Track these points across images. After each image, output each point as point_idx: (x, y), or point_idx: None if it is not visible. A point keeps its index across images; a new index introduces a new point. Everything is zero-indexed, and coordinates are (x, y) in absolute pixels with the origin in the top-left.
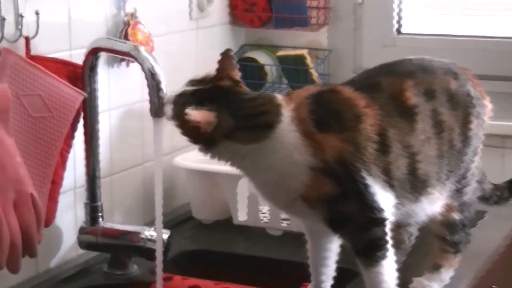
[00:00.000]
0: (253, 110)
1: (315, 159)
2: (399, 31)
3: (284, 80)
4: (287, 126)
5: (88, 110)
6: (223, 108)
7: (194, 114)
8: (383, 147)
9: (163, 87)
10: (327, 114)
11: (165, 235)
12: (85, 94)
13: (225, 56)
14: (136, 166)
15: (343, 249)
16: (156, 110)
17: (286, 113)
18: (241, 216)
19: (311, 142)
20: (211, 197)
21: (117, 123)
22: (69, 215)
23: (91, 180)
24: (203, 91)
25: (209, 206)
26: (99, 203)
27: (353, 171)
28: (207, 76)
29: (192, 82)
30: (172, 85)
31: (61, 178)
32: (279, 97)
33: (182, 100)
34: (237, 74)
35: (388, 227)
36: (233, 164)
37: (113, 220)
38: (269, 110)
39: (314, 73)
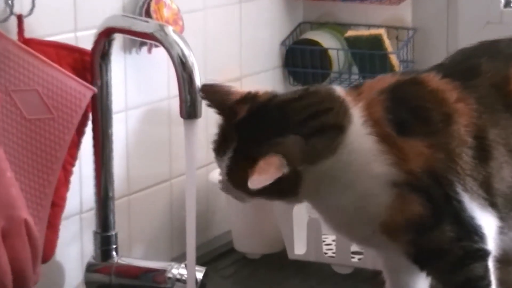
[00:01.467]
0: (309, 109)
1: (398, 170)
2: (507, 4)
3: (355, 69)
4: (359, 129)
5: (99, 111)
6: (278, 132)
7: (263, 171)
8: (482, 154)
9: (197, 79)
10: (408, 113)
11: (199, 274)
12: (95, 90)
13: (207, 91)
14: (160, 183)
15: None
16: (188, 109)
17: (356, 112)
18: (299, 248)
19: (391, 149)
20: (259, 224)
21: (137, 127)
22: (74, 248)
23: (103, 202)
24: (240, 129)
25: (257, 235)
26: (112, 232)
27: (445, 185)
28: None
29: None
30: (209, 76)
31: (64, 200)
32: (340, 91)
33: (231, 157)
34: (241, 91)
35: (491, 262)
36: (318, 197)
37: (131, 255)
38: (332, 108)
39: (394, 59)
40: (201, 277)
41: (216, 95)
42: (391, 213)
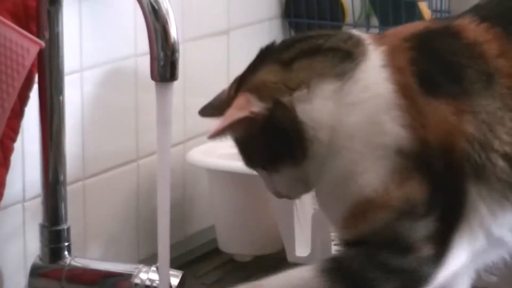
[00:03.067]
0: (301, 38)
1: (411, 136)
2: None
3: (374, 21)
4: (377, 69)
5: (47, 71)
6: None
7: (226, 117)
8: None
9: (173, 31)
10: (437, 69)
11: (174, 280)
12: (42, 44)
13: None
14: (124, 165)
15: None
16: (162, 70)
17: (375, 53)
18: (301, 249)
19: (409, 106)
20: (250, 218)
21: (94, 92)
22: (15, 246)
23: (51, 188)
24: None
25: (247, 232)
26: (64, 226)
27: (460, 169)
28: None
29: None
30: (187, 31)
31: (2, 185)
32: (360, 34)
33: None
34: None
35: None
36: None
37: (88, 254)
38: (334, 35)
39: (424, 7)
40: (176, 284)
41: (214, 105)
42: (386, 185)
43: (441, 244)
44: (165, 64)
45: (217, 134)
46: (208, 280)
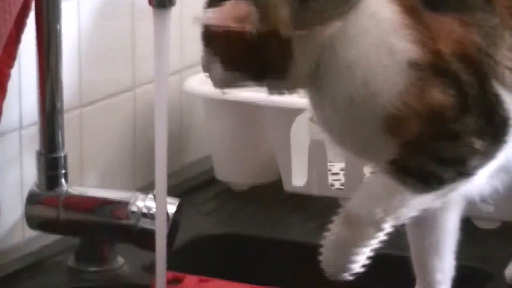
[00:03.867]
0: None
1: (423, 49)
2: None
3: None
4: None
5: None
6: None
7: (223, 12)
8: None
9: None
10: None
11: (171, 208)
12: None
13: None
14: (121, 93)
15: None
16: None
17: None
18: (297, 178)
19: (416, 24)
20: (247, 147)
21: (91, 20)
22: (11, 173)
23: (48, 116)
24: None
25: (244, 161)
26: (60, 154)
27: (479, 74)
28: None
29: None
30: None
31: None
32: None
33: None
34: None
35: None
36: (314, 82)
37: (85, 182)
38: None
39: None
40: (173, 212)
41: None
42: (405, 100)
43: (492, 139)
44: None
45: (202, 22)
46: (205, 209)
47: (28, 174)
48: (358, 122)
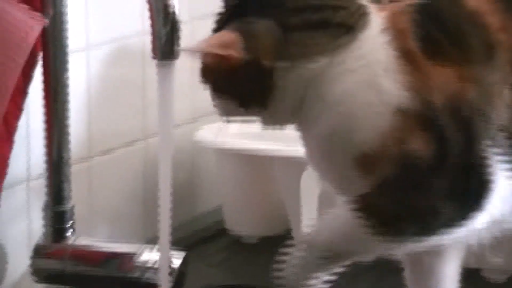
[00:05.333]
0: (316, 2)
1: (414, 96)
2: None
3: None
4: (376, 36)
5: (51, 49)
6: (255, 13)
7: (209, 41)
8: None
9: (173, 8)
10: (442, 33)
11: (176, 261)
12: (46, 21)
13: None
14: (132, 144)
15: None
16: (163, 47)
17: (376, 19)
18: (307, 229)
19: (412, 70)
20: (258, 199)
21: (101, 70)
22: (19, 225)
23: (55, 167)
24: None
25: (255, 212)
26: (68, 206)
27: (471, 130)
28: None
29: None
30: (196, 8)
31: (5, 163)
32: (368, 3)
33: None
34: None
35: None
36: (297, 116)
37: (92, 235)
38: (347, 7)
39: None
40: (179, 264)
41: None
42: (384, 141)
43: (462, 205)
44: (167, 41)
45: (191, 51)
46: (214, 260)
47: (36, 226)
48: (336, 156)
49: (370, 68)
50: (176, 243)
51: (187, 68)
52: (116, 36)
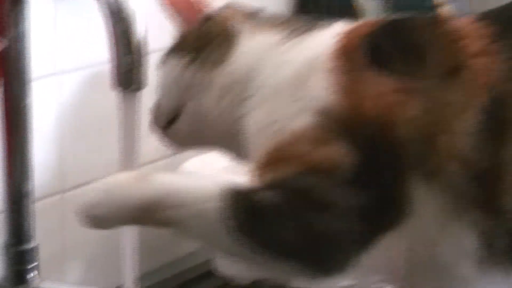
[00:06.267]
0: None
1: (339, 97)
2: None
3: None
4: (325, 38)
5: (11, 75)
6: None
7: None
8: (493, 134)
9: (136, 36)
10: (396, 45)
11: None
12: (5, 43)
13: None
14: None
15: None
16: (125, 76)
17: (336, 27)
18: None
19: (345, 68)
20: None
21: (73, 98)
22: None
23: (16, 202)
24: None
25: None
26: (30, 245)
27: (401, 157)
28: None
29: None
30: (156, 31)
31: None
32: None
33: None
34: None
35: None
36: None
37: (66, 275)
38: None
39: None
40: None
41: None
42: (297, 139)
43: (365, 232)
44: (127, 71)
45: None
46: None
47: None
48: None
49: (307, 61)
50: (159, 286)
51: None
52: (89, 62)
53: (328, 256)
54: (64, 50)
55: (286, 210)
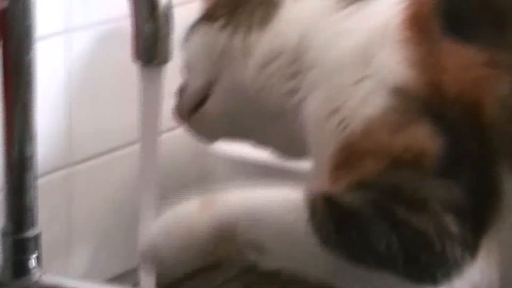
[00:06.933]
0: None
1: (416, 72)
2: None
3: None
4: (390, 3)
5: (14, 34)
6: None
7: None
8: None
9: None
10: (476, 10)
11: None
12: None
13: None
14: (123, 147)
15: None
16: (147, 47)
17: None
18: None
19: (419, 38)
20: None
21: (85, 58)
22: None
23: (15, 182)
24: None
25: None
26: (32, 233)
27: (492, 141)
28: None
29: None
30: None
31: None
32: None
33: None
34: None
35: None
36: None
37: (73, 258)
38: None
39: None
40: None
41: None
42: (373, 128)
43: (471, 228)
44: (149, 42)
45: None
46: None
47: None
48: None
49: (370, 32)
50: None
51: None
52: (102, 18)
53: (431, 261)
54: (74, 5)
55: (378, 212)
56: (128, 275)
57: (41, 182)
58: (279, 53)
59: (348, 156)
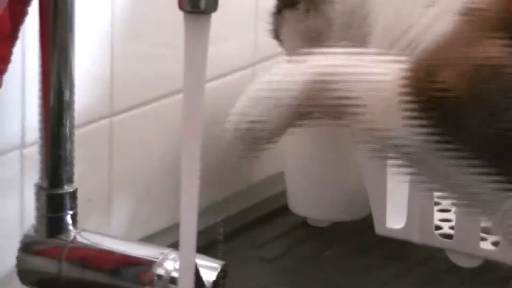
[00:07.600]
0: None
1: None
2: None
3: None
4: None
5: None
6: None
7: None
8: None
9: None
10: None
11: (210, 274)
12: None
13: None
14: (168, 96)
15: None
16: None
17: None
18: (393, 220)
19: None
20: (331, 175)
21: (131, 2)
22: (9, 206)
23: (53, 131)
24: None
25: (326, 192)
26: (68, 189)
27: None
28: None
29: None
30: None
31: None
32: None
33: None
34: None
35: None
36: None
37: (113, 211)
38: None
39: None
40: (212, 279)
41: None
42: (439, 48)
43: None
44: None
45: None
46: (270, 252)
47: (28, 211)
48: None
49: None
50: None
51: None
52: None
53: None
54: None
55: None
56: (170, 231)
57: (78, 133)
58: None
59: (423, 70)
